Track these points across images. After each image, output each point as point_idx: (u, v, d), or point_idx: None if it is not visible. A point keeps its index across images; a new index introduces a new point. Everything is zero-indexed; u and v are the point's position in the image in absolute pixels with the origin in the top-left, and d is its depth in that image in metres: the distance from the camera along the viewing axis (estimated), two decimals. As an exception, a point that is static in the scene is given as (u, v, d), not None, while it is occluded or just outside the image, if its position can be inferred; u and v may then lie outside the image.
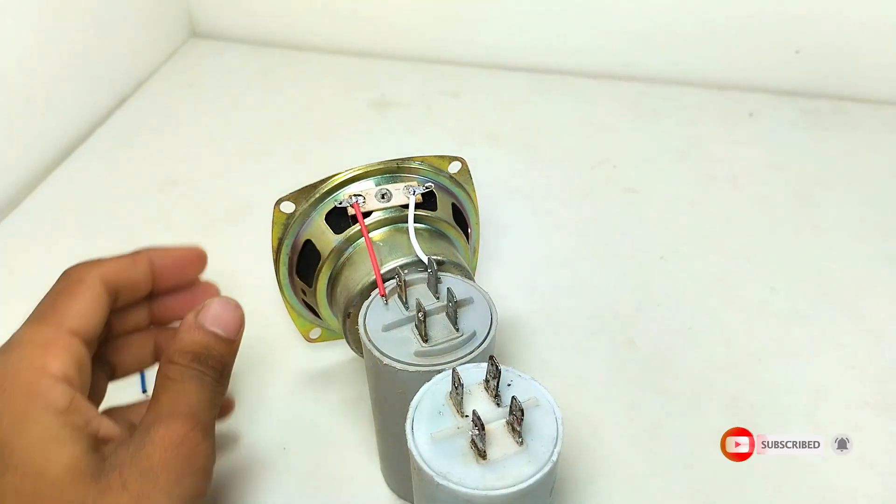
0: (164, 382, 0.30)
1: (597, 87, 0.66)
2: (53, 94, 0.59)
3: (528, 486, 0.23)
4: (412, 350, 0.29)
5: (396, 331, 0.30)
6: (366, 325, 0.30)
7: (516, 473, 0.24)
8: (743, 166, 0.56)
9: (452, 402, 0.26)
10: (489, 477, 0.24)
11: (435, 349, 0.29)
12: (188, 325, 0.31)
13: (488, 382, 0.26)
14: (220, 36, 0.75)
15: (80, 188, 0.56)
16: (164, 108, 0.65)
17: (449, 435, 0.25)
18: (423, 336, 0.29)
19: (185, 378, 0.30)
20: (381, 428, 0.34)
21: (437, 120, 0.62)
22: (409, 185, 0.36)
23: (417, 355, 0.29)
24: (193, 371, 0.30)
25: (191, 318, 0.31)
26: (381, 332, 0.30)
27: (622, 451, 0.37)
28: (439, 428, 0.25)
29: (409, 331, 0.30)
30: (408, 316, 0.30)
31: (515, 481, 0.23)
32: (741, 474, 0.36)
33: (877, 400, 0.39)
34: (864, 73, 0.62)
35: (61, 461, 0.26)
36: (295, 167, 0.57)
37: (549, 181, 0.55)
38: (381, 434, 0.34)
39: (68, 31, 0.60)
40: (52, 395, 0.27)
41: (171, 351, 0.31)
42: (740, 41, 0.63)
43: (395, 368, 0.28)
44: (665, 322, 0.44)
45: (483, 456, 0.24)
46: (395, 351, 0.29)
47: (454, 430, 0.25)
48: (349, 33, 0.71)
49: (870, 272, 0.47)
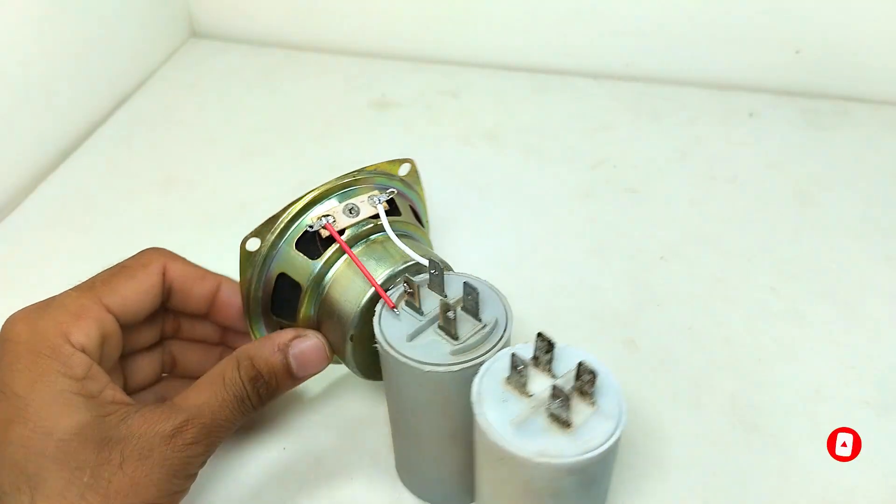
0: (214, 378, 0.31)
1: (597, 87, 0.66)
2: (53, 94, 0.59)
3: (615, 438, 0.25)
4: (446, 351, 0.29)
5: (420, 337, 0.30)
6: (387, 340, 0.29)
7: (601, 430, 0.25)
8: (743, 166, 0.56)
9: (514, 386, 0.27)
10: (580, 441, 0.25)
11: (468, 344, 0.29)
12: (276, 345, 0.32)
13: (537, 359, 0.27)
14: (220, 36, 0.75)
15: (80, 188, 0.56)
16: (164, 108, 0.65)
17: (528, 416, 0.26)
18: (454, 335, 0.29)
19: (230, 388, 0.30)
20: (412, 436, 0.33)
21: (437, 120, 0.62)
22: (372, 195, 0.35)
23: (454, 354, 0.29)
24: (242, 389, 0.30)
25: (285, 339, 0.32)
26: (407, 343, 0.29)
27: (622, 452, 0.37)
28: (514, 413, 0.26)
29: (433, 334, 0.30)
30: (428, 320, 0.30)
31: (605, 437, 0.25)
32: (740, 474, 0.36)
33: (877, 400, 0.39)
34: (864, 73, 0.62)
35: (70, 424, 0.27)
36: (295, 167, 0.57)
37: (549, 181, 0.55)
38: (414, 441, 0.33)
39: (68, 31, 0.60)
40: (71, 362, 0.28)
41: (244, 353, 0.31)
42: (740, 41, 0.63)
43: (438, 373, 0.28)
44: (665, 322, 0.44)
45: (568, 425, 0.25)
46: (429, 356, 0.29)
47: (530, 410, 0.26)
48: (349, 33, 0.71)
49: (870, 272, 0.47)
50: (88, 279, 0.32)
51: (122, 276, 0.32)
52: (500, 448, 0.25)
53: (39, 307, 0.30)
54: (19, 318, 0.30)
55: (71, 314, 0.30)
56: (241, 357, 0.31)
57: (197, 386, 0.31)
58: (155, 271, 0.33)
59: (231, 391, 0.30)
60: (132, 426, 0.28)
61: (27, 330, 0.29)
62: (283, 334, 0.32)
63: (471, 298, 0.30)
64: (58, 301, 0.30)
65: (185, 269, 0.34)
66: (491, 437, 0.25)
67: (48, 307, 0.30)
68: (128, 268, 0.33)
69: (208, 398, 0.30)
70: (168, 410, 0.29)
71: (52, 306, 0.30)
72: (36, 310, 0.30)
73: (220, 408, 0.30)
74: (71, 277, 0.48)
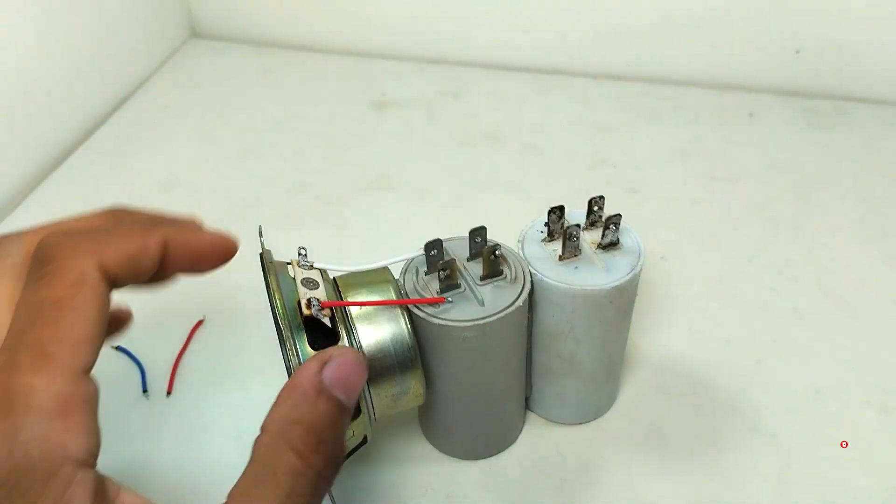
0: (262, 478, 0.22)
1: (597, 87, 0.66)
2: (53, 94, 0.59)
3: (639, 268, 0.32)
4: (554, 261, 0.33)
5: (489, 294, 0.31)
6: (482, 317, 0.30)
7: (627, 263, 0.32)
8: (743, 166, 0.56)
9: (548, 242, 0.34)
10: (609, 275, 0.32)
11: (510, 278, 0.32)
12: (311, 388, 0.23)
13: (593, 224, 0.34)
14: (220, 36, 0.75)
15: (80, 188, 0.56)
16: (164, 108, 0.65)
17: (569, 257, 0.33)
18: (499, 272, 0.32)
19: (288, 481, 0.22)
20: (446, 399, 0.34)
21: (437, 120, 0.62)
22: (294, 267, 0.31)
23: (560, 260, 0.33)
24: (310, 471, 0.22)
25: (314, 374, 0.23)
26: (489, 304, 0.31)
27: (621, 452, 0.37)
28: (555, 259, 0.33)
29: (491, 285, 0.32)
30: (471, 283, 0.31)
31: (631, 267, 0.32)
32: (740, 474, 0.36)
33: (877, 400, 0.39)
34: (864, 73, 0.62)
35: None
36: (295, 167, 0.57)
37: (550, 181, 0.55)
38: (447, 404, 0.34)
39: (68, 31, 0.60)
40: (72, 493, 0.20)
41: (280, 417, 0.23)
42: (740, 41, 0.63)
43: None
44: (665, 322, 0.44)
45: (608, 244, 0.33)
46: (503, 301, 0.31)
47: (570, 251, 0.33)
48: (349, 33, 0.71)
49: (870, 272, 0.47)
50: (15, 343, 0.21)
51: (65, 320, 0.21)
52: (552, 285, 0.31)
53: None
54: None
55: (50, 416, 0.20)
56: (283, 429, 0.22)
57: (241, 495, 0.22)
58: (95, 283, 0.22)
59: (289, 485, 0.22)
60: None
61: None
62: (306, 372, 0.24)
63: (479, 241, 0.32)
64: (17, 402, 0.20)
65: (125, 249, 0.23)
66: (548, 282, 0.31)
67: (9, 416, 0.20)
68: (61, 301, 0.21)
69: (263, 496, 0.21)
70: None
71: (13, 413, 0.20)
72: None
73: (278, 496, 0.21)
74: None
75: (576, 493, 0.36)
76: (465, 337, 0.30)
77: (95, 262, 0.22)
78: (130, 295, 0.26)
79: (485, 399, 0.34)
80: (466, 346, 0.30)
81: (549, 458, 0.37)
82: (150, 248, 0.23)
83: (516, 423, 0.38)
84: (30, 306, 0.21)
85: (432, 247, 0.31)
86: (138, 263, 0.23)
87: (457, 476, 0.36)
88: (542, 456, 0.37)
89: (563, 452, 0.37)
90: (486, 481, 0.36)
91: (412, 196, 0.54)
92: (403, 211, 0.53)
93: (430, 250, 0.31)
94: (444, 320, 0.30)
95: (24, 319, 0.20)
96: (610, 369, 0.37)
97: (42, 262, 0.21)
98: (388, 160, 0.58)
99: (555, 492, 0.36)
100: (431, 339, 0.30)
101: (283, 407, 0.23)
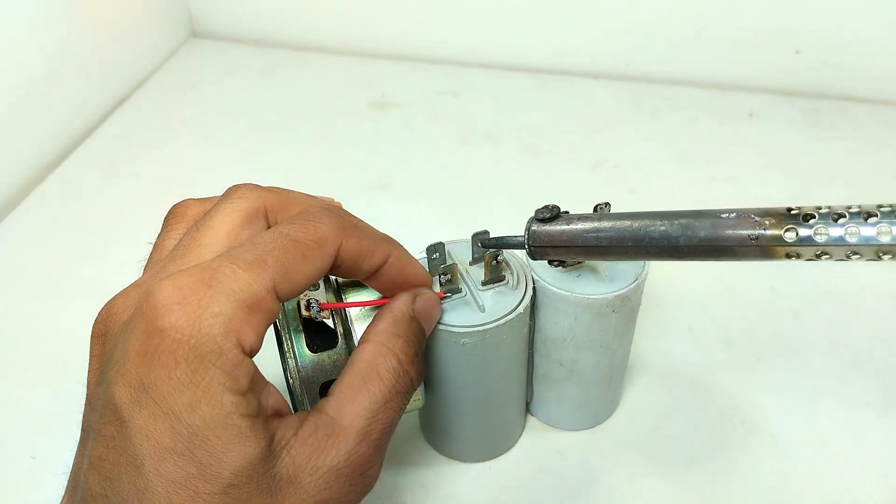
0: (366, 374, 0.26)
1: (597, 87, 0.66)
2: (53, 94, 0.59)
3: (645, 274, 0.33)
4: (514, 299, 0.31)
5: (489, 299, 0.31)
6: (479, 321, 0.30)
7: (630, 272, 0.33)
8: (743, 166, 0.56)
9: None
10: (612, 283, 0.32)
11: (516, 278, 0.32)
12: (408, 312, 0.28)
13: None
14: (220, 36, 0.75)
15: (80, 188, 0.56)
16: (164, 108, 0.65)
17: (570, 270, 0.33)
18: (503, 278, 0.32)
19: (388, 380, 0.26)
20: (444, 404, 0.34)
21: (437, 120, 0.62)
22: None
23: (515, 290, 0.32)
24: (404, 375, 0.26)
25: (410, 303, 0.28)
26: (489, 311, 0.30)
27: (620, 453, 0.37)
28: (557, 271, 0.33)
29: (491, 290, 0.31)
30: (472, 287, 0.31)
31: (634, 278, 0.32)
32: (740, 474, 0.36)
33: (877, 400, 0.39)
34: (864, 73, 0.62)
35: (239, 465, 0.21)
36: (295, 167, 0.57)
37: (549, 181, 0.55)
38: (444, 408, 0.34)
39: (68, 31, 0.60)
40: (237, 373, 0.22)
41: (383, 330, 0.27)
42: (740, 41, 0.63)
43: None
44: (665, 322, 0.44)
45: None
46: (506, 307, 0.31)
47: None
48: (349, 33, 0.71)
49: (870, 272, 0.47)
50: (248, 248, 0.23)
51: (295, 254, 0.24)
52: (554, 292, 0.31)
53: (196, 286, 0.21)
54: (174, 298, 0.21)
55: (242, 305, 0.22)
56: (388, 340, 0.27)
57: (349, 387, 0.25)
58: (330, 252, 0.25)
59: (390, 384, 0.26)
60: (297, 459, 0.23)
61: (187, 322, 0.21)
62: (405, 300, 0.28)
63: (479, 247, 0.32)
64: (222, 282, 0.22)
65: (360, 244, 0.26)
66: (550, 288, 0.31)
67: (209, 289, 0.22)
68: (300, 244, 0.24)
69: (369, 403, 0.25)
70: (330, 432, 0.24)
71: (216, 289, 0.22)
72: (193, 289, 0.21)
73: (384, 411, 0.25)
74: (71, 277, 0.49)
75: (575, 494, 0.36)
76: (464, 343, 0.30)
77: (339, 239, 0.25)
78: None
79: (484, 404, 0.34)
80: (466, 351, 0.30)
81: (549, 460, 0.37)
82: (376, 257, 0.27)
83: (516, 427, 0.38)
84: (276, 234, 0.24)
85: (434, 250, 0.31)
86: (358, 263, 0.26)
87: (455, 477, 0.37)
88: (542, 457, 0.37)
89: (562, 454, 0.37)
90: (485, 482, 0.36)
91: (412, 196, 0.54)
92: (403, 211, 0.53)
93: (432, 253, 0.31)
94: (444, 326, 0.30)
95: (265, 238, 0.24)
96: (612, 377, 0.36)
97: (303, 217, 0.25)
98: (387, 160, 0.58)
99: (554, 493, 0.36)
100: (431, 344, 0.30)
101: (384, 323, 0.27)
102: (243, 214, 0.26)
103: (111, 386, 0.21)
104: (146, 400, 0.21)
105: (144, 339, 0.21)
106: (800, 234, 0.22)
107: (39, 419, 0.40)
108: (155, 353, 0.21)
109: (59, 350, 0.43)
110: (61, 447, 0.39)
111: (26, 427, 0.40)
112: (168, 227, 0.28)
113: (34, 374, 0.42)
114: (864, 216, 0.21)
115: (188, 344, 0.21)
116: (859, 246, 0.21)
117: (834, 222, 0.22)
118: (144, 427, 0.21)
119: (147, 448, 0.21)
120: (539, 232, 0.29)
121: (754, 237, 0.24)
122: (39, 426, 0.40)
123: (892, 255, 0.21)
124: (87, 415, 0.23)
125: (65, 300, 0.47)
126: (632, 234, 0.27)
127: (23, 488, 0.37)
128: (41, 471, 0.38)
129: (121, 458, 0.21)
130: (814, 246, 0.22)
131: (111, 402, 0.21)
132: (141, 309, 0.21)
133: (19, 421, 0.40)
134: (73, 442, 0.24)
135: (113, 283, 0.41)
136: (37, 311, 0.46)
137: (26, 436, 0.39)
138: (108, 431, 0.21)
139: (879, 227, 0.21)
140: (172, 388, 0.21)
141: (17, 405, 0.41)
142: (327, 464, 0.23)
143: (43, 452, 0.38)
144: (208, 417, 0.21)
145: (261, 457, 0.22)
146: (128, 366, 0.21)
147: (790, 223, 0.23)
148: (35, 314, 0.46)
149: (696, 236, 0.26)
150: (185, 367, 0.21)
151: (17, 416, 0.40)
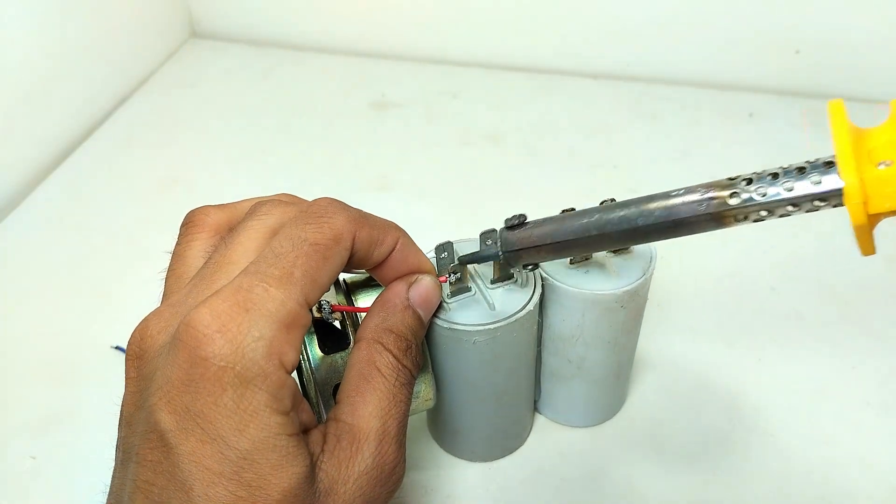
0: (369, 374, 0.26)
1: (597, 87, 0.66)
2: (53, 94, 0.59)
3: (652, 269, 0.32)
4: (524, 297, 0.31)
5: (499, 297, 0.31)
6: (485, 320, 0.30)
7: (638, 268, 0.32)
8: (743, 166, 0.56)
9: None
10: (620, 279, 0.32)
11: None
12: (400, 303, 0.28)
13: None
14: (220, 36, 0.75)
15: (80, 188, 0.56)
16: (164, 108, 0.65)
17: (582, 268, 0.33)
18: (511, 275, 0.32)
19: (391, 377, 0.26)
20: (454, 401, 0.34)
21: (437, 120, 0.62)
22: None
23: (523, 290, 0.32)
24: (403, 370, 0.27)
25: (403, 295, 0.28)
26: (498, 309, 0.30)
27: (622, 453, 0.37)
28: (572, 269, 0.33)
29: (498, 289, 0.31)
30: (480, 286, 0.31)
31: (642, 273, 0.32)
32: (741, 475, 0.36)
33: (877, 400, 0.39)
34: (864, 73, 0.62)
35: (288, 485, 0.22)
36: (295, 167, 0.58)
37: (549, 181, 0.55)
38: (456, 405, 0.34)
39: (68, 30, 0.60)
40: (281, 394, 0.22)
41: (378, 329, 0.27)
42: (740, 41, 0.63)
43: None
44: (665, 322, 0.44)
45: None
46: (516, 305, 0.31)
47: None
48: (349, 33, 0.71)
49: (870, 272, 0.47)
50: (271, 261, 0.23)
51: (317, 259, 0.24)
52: (563, 289, 0.31)
53: (233, 311, 0.22)
54: (213, 327, 0.21)
55: (280, 325, 0.22)
56: (380, 336, 0.27)
57: (355, 390, 0.26)
58: (347, 247, 0.25)
59: (392, 379, 0.26)
60: (330, 472, 0.23)
61: (230, 350, 0.21)
62: (396, 290, 0.28)
63: (490, 244, 0.31)
64: (257, 304, 0.22)
65: (371, 234, 0.26)
66: (559, 285, 0.31)
67: (247, 313, 0.22)
68: (320, 246, 0.24)
69: (378, 402, 0.25)
70: (352, 439, 0.24)
71: (252, 312, 0.22)
72: (231, 315, 0.21)
73: (394, 405, 0.26)
74: (71, 277, 0.49)
75: (577, 493, 0.36)
76: (475, 342, 0.30)
77: (353, 232, 0.25)
78: (131, 291, 0.26)
79: (494, 402, 0.34)
80: (477, 350, 0.30)
81: (551, 459, 0.37)
82: (386, 244, 0.27)
83: (525, 426, 0.38)
84: (294, 239, 0.24)
85: (443, 249, 0.31)
86: (370, 252, 0.27)
87: (457, 477, 0.36)
88: (544, 457, 0.37)
89: (564, 453, 0.37)
90: (486, 482, 0.36)
91: (412, 196, 0.54)
92: (403, 211, 0.53)
93: (441, 253, 0.31)
94: (455, 324, 0.30)
95: (285, 246, 0.24)
96: (619, 373, 0.37)
97: (315, 215, 0.25)
98: (387, 160, 0.58)
99: (555, 492, 0.36)
100: (441, 343, 0.30)
101: (377, 318, 0.27)
102: (271, 231, 0.26)
103: (154, 412, 0.21)
104: (193, 426, 0.21)
105: (188, 367, 0.21)
106: (742, 197, 0.25)
107: (39, 419, 0.40)
108: (200, 381, 0.21)
109: (58, 350, 0.43)
110: (61, 447, 0.39)
111: (26, 427, 0.40)
112: (188, 237, 0.28)
113: (34, 374, 0.42)
114: (796, 172, 0.25)
115: (233, 371, 0.21)
116: (797, 198, 0.24)
117: (773, 180, 0.25)
118: (192, 452, 0.21)
119: (196, 473, 0.21)
120: (510, 237, 0.29)
121: (702, 205, 0.26)
122: (39, 426, 0.40)
123: (827, 201, 0.24)
124: (127, 437, 0.23)
125: (65, 300, 0.47)
126: (594, 223, 0.28)
127: (23, 488, 0.37)
128: (41, 471, 0.38)
129: (169, 482, 0.21)
130: (756, 206, 0.25)
131: (156, 428, 0.21)
132: (181, 338, 0.21)
133: (19, 421, 0.40)
134: (73, 442, 0.24)
135: (113, 283, 0.41)
136: (37, 311, 0.46)
137: (26, 436, 0.39)
138: (154, 457, 0.22)
139: (811, 177, 0.24)
140: (220, 414, 0.21)
141: (17, 405, 0.41)
142: (357, 470, 0.24)
143: (43, 452, 0.38)
144: (257, 440, 0.21)
145: (306, 475, 0.22)
146: (172, 393, 0.21)
147: (733, 189, 0.25)
148: (35, 314, 0.46)
149: (652, 215, 0.28)
150: (232, 393, 0.21)
151: (17, 416, 0.40)
